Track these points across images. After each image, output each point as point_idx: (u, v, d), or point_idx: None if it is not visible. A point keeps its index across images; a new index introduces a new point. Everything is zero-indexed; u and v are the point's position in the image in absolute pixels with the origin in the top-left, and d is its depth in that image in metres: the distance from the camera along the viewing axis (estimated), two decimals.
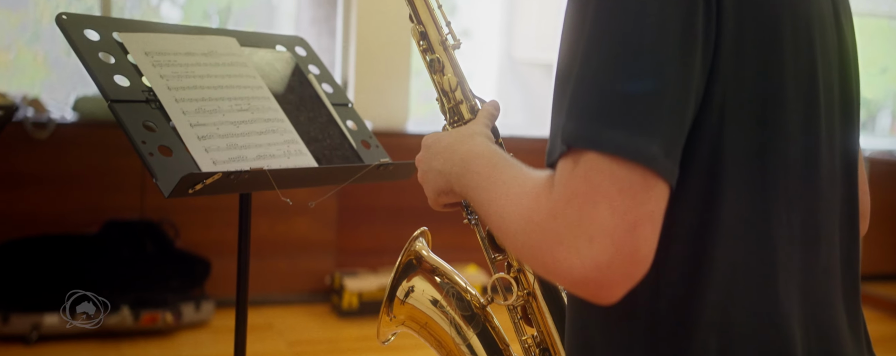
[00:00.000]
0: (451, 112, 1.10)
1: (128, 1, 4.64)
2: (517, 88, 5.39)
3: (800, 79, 0.81)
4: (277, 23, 5.15)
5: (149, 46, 1.45)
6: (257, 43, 1.66)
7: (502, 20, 5.17)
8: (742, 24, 0.76)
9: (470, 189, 0.87)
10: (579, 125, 0.71)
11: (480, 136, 0.96)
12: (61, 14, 1.34)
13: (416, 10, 1.12)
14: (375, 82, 4.00)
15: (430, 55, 1.11)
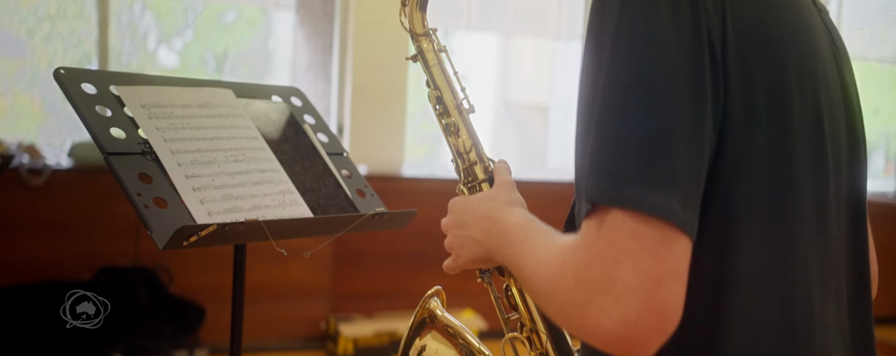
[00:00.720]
0: (466, 172, 1.13)
1: (125, 47, 4.69)
2: (512, 131, 5.42)
3: (807, 128, 0.83)
4: (274, 68, 5.19)
5: (145, 99, 1.47)
6: (253, 94, 1.67)
7: (497, 64, 5.22)
8: (749, 77, 0.78)
9: (509, 259, 0.89)
10: (599, 183, 0.73)
11: (515, 204, 0.99)
12: (59, 69, 1.36)
13: (433, 76, 1.16)
14: (371, 127, 4.02)
15: (446, 119, 1.15)
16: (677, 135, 0.73)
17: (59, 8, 4.25)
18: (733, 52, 0.77)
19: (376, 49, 3.98)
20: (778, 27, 0.81)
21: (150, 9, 4.79)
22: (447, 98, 1.15)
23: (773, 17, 0.81)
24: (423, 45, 1.17)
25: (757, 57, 0.79)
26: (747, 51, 0.78)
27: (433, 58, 1.17)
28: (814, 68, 0.84)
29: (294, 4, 4.13)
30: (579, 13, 4.50)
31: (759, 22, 0.79)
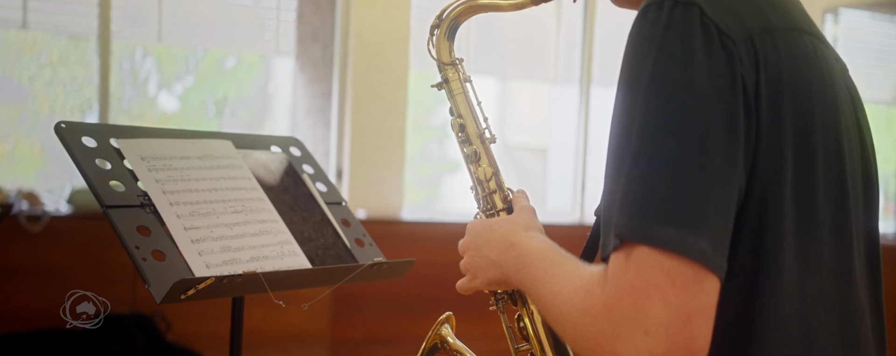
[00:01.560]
0: (485, 201, 1.14)
1: (126, 92, 4.72)
2: (511, 172, 5.43)
3: (830, 174, 0.85)
4: (273, 113, 5.22)
5: (145, 151, 1.47)
6: (252, 144, 1.68)
7: (496, 106, 5.25)
8: (778, 123, 0.81)
9: (528, 283, 0.90)
10: (631, 221, 0.75)
11: (535, 230, 1.00)
12: (60, 123, 1.37)
13: (457, 104, 1.18)
14: (370, 171, 4.03)
15: (468, 147, 1.16)
16: (710, 177, 0.75)
17: (61, 54, 4.30)
18: (765, 99, 0.79)
19: (375, 94, 4.01)
20: (805, 75, 0.84)
21: (151, 55, 4.84)
22: (470, 127, 1.17)
23: (800, 66, 0.83)
24: (448, 74, 1.19)
25: (786, 103, 0.81)
26: (778, 97, 0.80)
27: (458, 87, 1.19)
28: (837, 115, 0.87)
29: (294, 51, 4.17)
30: (576, 58, 4.54)
31: (788, 70, 0.82)
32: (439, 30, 1.19)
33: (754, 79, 0.79)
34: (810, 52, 0.86)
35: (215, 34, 4.07)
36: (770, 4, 0.86)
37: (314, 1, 4.13)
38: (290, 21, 4.08)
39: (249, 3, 4.04)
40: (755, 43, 0.80)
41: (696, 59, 0.77)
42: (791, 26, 0.85)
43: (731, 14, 0.80)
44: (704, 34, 0.77)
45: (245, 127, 5.40)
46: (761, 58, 0.80)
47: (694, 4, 0.79)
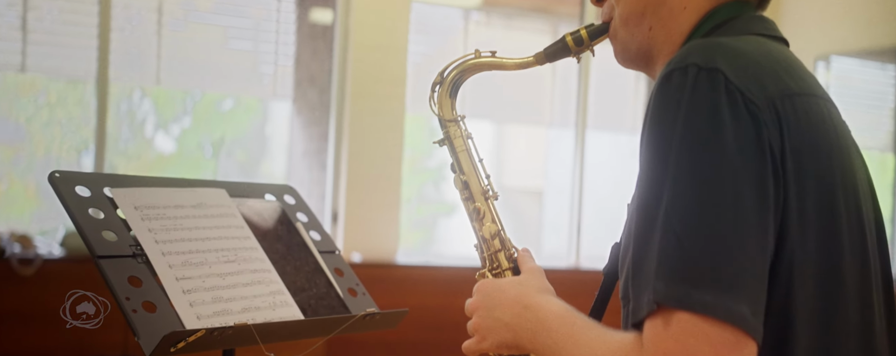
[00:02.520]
0: (490, 259, 1.14)
1: (122, 133, 4.74)
2: (506, 215, 5.41)
3: (853, 234, 0.87)
4: (269, 154, 5.24)
5: (138, 200, 1.47)
6: (247, 193, 1.68)
7: (491, 148, 5.27)
8: (802, 183, 0.82)
9: (545, 348, 0.90)
10: (668, 285, 0.75)
11: (549, 293, 1.00)
12: (54, 172, 1.37)
13: (459, 161, 1.18)
14: (365, 214, 4.03)
15: (472, 204, 1.17)
16: (745, 241, 0.76)
17: (58, 96, 4.32)
18: (790, 162, 0.81)
19: (371, 138, 4.03)
20: (822, 138, 0.86)
21: (149, 96, 4.87)
22: (473, 185, 1.17)
23: (817, 129, 0.85)
24: (451, 130, 1.19)
25: (808, 166, 0.83)
26: (801, 160, 0.82)
27: (461, 144, 1.19)
28: (852, 175, 0.89)
29: (291, 94, 4.20)
30: (571, 102, 4.58)
31: (808, 133, 0.84)
32: (441, 87, 1.19)
33: (779, 142, 0.81)
34: (825, 116, 0.88)
35: (213, 77, 4.10)
36: (785, 69, 0.88)
37: (312, 46, 4.17)
38: (288, 65, 4.11)
39: (248, 48, 4.08)
40: (777, 107, 0.82)
41: (724, 124, 0.78)
42: (806, 91, 0.87)
43: (753, 80, 0.82)
44: (730, 99, 0.79)
45: (241, 168, 5.41)
46: (784, 122, 0.82)
47: (718, 70, 0.80)
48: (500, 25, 4.57)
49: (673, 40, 0.98)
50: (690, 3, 0.97)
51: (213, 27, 4.02)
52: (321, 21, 4.18)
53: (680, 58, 0.84)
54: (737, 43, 0.88)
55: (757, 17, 0.98)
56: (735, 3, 0.97)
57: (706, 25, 0.96)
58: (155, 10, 3.84)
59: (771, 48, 0.91)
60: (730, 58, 0.83)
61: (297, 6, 4.12)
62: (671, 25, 0.98)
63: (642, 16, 0.99)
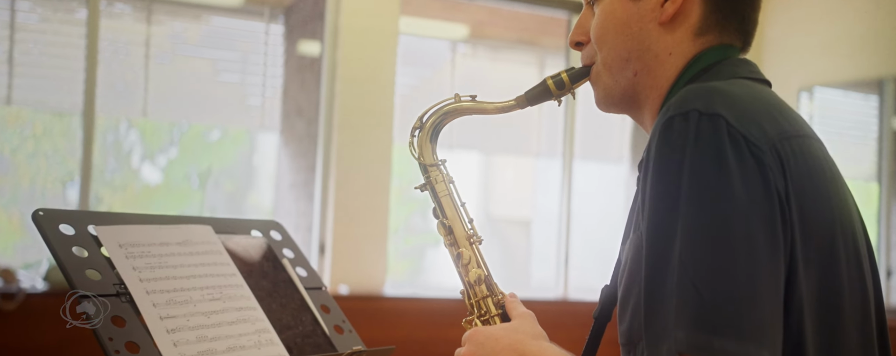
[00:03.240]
0: (477, 306, 1.13)
1: (108, 164, 4.72)
2: (495, 245, 5.42)
3: (852, 272, 0.88)
4: (256, 185, 5.22)
5: (123, 238, 1.46)
6: (233, 229, 1.67)
7: (479, 179, 5.28)
8: (805, 224, 0.83)
9: None
10: (690, 335, 0.75)
11: (543, 338, 0.99)
12: (38, 211, 1.36)
13: (442, 207, 1.17)
14: (353, 246, 4.01)
15: (456, 250, 1.16)
16: (761, 286, 0.77)
17: (44, 127, 4.30)
18: (794, 204, 0.82)
19: (359, 169, 4.02)
20: (820, 178, 0.87)
21: (136, 127, 4.86)
22: (458, 230, 1.16)
23: (815, 170, 0.87)
24: (432, 175, 1.19)
25: (810, 207, 0.84)
26: (803, 201, 0.83)
27: (443, 189, 1.18)
28: (849, 213, 0.90)
29: (279, 126, 4.20)
30: (558, 133, 4.60)
31: (807, 174, 0.85)
32: (421, 132, 1.18)
33: (784, 185, 0.82)
34: (820, 156, 0.90)
35: (201, 109, 4.10)
36: (780, 112, 0.89)
37: (299, 77, 4.19)
38: (275, 97, 4.12)
39: (236, 80, 4.09)
40: (779, 150, 0.83)
41: (730, 170, 0.79)
42: (800, 133, 0.88)
43: (754, 123, 0.83)
44: (733, 144, 0.80)
45: (228, 199, 5.39)
46: (785, 164, 0.83)
47: (719, 116, 0.82)
48: (486, 57, 4.60)
49: (660, 85, 0.99)
50: (676, 49, 0.98)
51: (200, 59, 4.03)
52: (309, 53, 4.19)
53: (679, 104, 0.84)
54: (731, 87, 0.88)
55: (741, 60, 0.99)
56: (719, 48, 0.98)
57: (692, 70, 0.97)
58: (142, 43, 3.85)
59: (761, 91, 0.92)
60: (729, 102, 0.84)
61: (284, 38, 4.14)
62: (657, 71, 0.98)
63: (627, 61, 1.00)
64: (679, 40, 0.98)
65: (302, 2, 4.17)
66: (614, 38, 1.00)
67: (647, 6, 0.98)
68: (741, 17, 0.99)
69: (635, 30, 0.99)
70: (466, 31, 4.56)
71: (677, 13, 0.97)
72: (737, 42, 1.00)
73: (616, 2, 1.00)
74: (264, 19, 4.10)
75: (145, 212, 4.98)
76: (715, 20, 0.98)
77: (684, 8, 0.97)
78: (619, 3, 1.00)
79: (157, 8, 3.90)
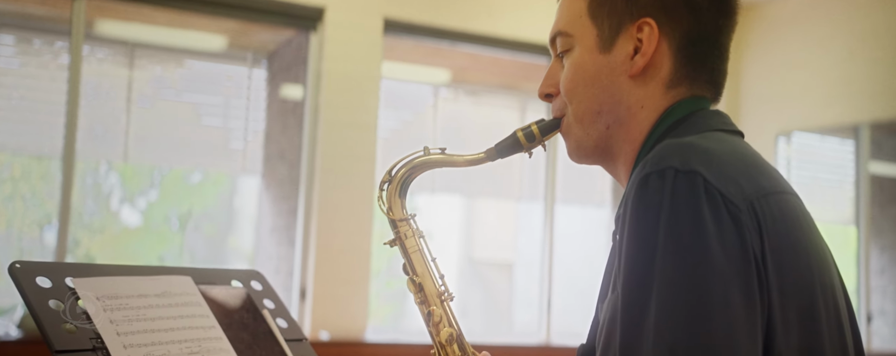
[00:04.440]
0: None
1: (87, 206, 4.67)
2: (477, 288, 5.40)
3: (832, 331, 0.87)
4: (237, 228, 5.19)
5: (101, 290, 1.44)
6: (213, 279, 1.65)
7: (461, 222, 5.28)
8: (784, 286, 0.82)
9: None
10: None
11: None
12: (15, 263, 1.34)
13: (412, 263, 1.15)
14: (334, 291, 3.98)
15: (427, 307, 1.14)
16: (738, 349, 0.76)
17: (23, 170, 4.26)
18: (770, 262, 0.81)
19: (341, 213, 4.01)
20: (798, 235, 0.86)
21: (115, 169, 4.83)
22: (428, 286, 1.14)
23: (793, 227, 0.86)
24: (402, 230, 1.17)
25: (788, 265, 0.83)
26: (780, 260, 0.82)
27: (413, 244, 1.16)
28: (827, 269, 0.89)
29: (260, 169, 4.19)
30: (540, 176, 4.62)
31: (785, 232, 0.84)
32: (390, 186, 1.16)
33: (760, 244, 0.81)
34: (798, 212, 0.89)
35: (183, 153, 4.08)
36: (757, 168, 0.88)
37: (282, 122, 4.19)
38: (257, 141, 4.11)
39: (218, 124, 4.08)
40: (756, 208, 0.82)
41: (707, 229, 0.78)
42: (777, 189, 0.87)
43: (731, 181, 0.82)
44: (710, 203, 0.80)
45: (208, 242, 5.34)
46: (763, 222, 0.82)
47: (696, 173, 0.81)
48: (468, 101, 4.64)
49: (633, 138, 0.98)
50: (648, 102, 0.97)
51: (183, 103, 4.03)
52: (291, 97, 4.21)
53: (655, 160, 0.84)
54: (707, 142, 0.88)
55: (713, 112, 0.99)
56: (691, 100, 0.98)
57: (665, 122, 0.97)
58: (124, 87, 3.84)
59: (737, 145, 0.92)
60: (706, 159, 0.83)
61: (267, 82, 4.16)
62: (630, 124, 0.98)
63: (598, 114, 0.99)
64: (650, 93, 0.97)
65: (285, 47, 4.20)
66: (585, 91, 0.99)
67: (617, 59, 0.97)
68: (711, 68, 0.99)
69: (606, 83, 0.98)
70: (448, 75, 4.60)
71: (648, 66, 0.97)
72: (707, 93, 1.00)
73: (586, 54, 0.99)
74: (247, 64, 4.12)
75: (124, 254, 4.93)
76: (685, 73, 0.97)
77: (654, 61, 0.97)
78: (589, 55, 0.99)
79: (140, 52, 3.91)
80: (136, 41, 3.95)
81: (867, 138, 4.35)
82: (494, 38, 4.32)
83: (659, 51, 0.96)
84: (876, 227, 4.45)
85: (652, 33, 0.95)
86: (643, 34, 0.96)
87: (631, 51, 0.97)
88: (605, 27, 0.98)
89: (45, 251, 4.10)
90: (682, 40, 0.96)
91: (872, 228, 4.41)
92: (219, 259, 5.24)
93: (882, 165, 4.50)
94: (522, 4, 4.34)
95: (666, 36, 0.96)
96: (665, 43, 0.97)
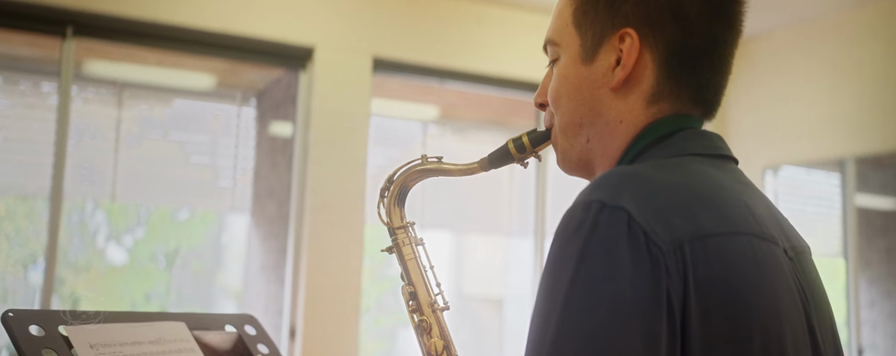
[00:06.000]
0: None
1: (73, 244, 4.63)
2: (466, 324, 5.37)
3: None
4: (225, 265, 5.15)
5: (94, 338, 1.42)
6: (207, 325, 1.63)
7: (451, 257, 5.26)
8: (710, 336, 0.76)
9: None
10: None
11: None
12: (8, 312, 1.32)
13: (408, 270, 1.14)
14: (324, 329, 3.94)
15: (418, 316, 1.12)
16: None
17: (8, 209, 4.23)
18: (694, 310, 0.75)
19: (331, 251, 3.99)
20: (741, 282, 0.78)
21: (102, 207, 4.80)
22: (421, 295, 1.12)
23: (735, 273, 0.78)
24: (400, 237, 1.16)
25: (718, 315, 0.76)
26: (708, 308, 0.76)
27: (409, 252, 1.15)
28: (779, 322, 0.81)
29: (250, 207, 4.18)
30: (530, 211, 4.63)
31: (720, 278, 0.77)
32: (389, 193, 1.16)
33: (681, 290, 0.75)
34: (748, 257, 0.80)
35: (171, 192, 4.06)
36: (706, 204, 0.81)
37: (271, 159, 4.19)
38: (246, 178, 4.11)
39: (206, 162, 4.08)
40: (685, 250, 0.76)
41: (620, 269, 0.74)
42: (726, 230, 0.80)
43: (662, 220, 0.77)
44: (631, 241, 0.75)
45: (196, 279, 5.30)
46: (690, 267, 0.76)
47: (622, 209, 0.76)
48: (456, 137, 4.66)
49: (610, 154, 0.94)
50: (627, 117, 0.92)
51: (171, 142, 4.02)
52: (281, 134, 4.21)
53: (588, 191, 0.80)
54: (656, 173, 0.83)
55: (697, 133, 0.92)
56: (674, 118, 0.92)
57: (642, 141, 0.91)
58: (113, 126, 3.84)
59: (698, 176, 0.85)
60: (640, 193, 0.78)
61: (256, 121, 4.16)
62: (607, 139, 0.93)
63: (580, 127, 0.95)
64: (630, 108, 0.92)
65: (274, 85, 4.22)
66: (567, 103, 0.95)
67: (598, 71, 0.92)
68: (697, 84, 0.92)
69: (587, 95, 0.93)
70: (437, 112, 4.62)
71: (628, 79, 0.91)
72: (694, 111, 0.93)
73: (570, 65, 0.95)
74: (236, 102, 4.13)
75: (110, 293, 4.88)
76: (668, 88, 0.91)
77: (635, 74, 0.91)
78: (572, 66, 0.95)
79: (129, 92, 3.91)
80: (125, 81, 3.95)
81: (853, 171, 4.39)
82: (482, 75, 4.36)
83: (640, 63, 0.90)
84: (864, 260, 4.47)
85: (633, 44, 0.90)
86: (624, 45, 0.90)
87: (613, 62, 0.92)
88: (588, 37, 0.93)
89: (29, 291, 4.05)
90: (666, 52, 0.90)
91: (860, 261, 4.44)
92: (207, 297, 5.19)
93: (868, 198, 4.54)
94: (509, 42, 4.38)
95: (648, 47, 0.90)
96: (648, 54, 0.90)
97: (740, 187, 0.88)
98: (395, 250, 1.17)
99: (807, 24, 4.50)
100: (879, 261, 4.48)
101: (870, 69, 4.25)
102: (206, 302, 5.09)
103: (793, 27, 4.57)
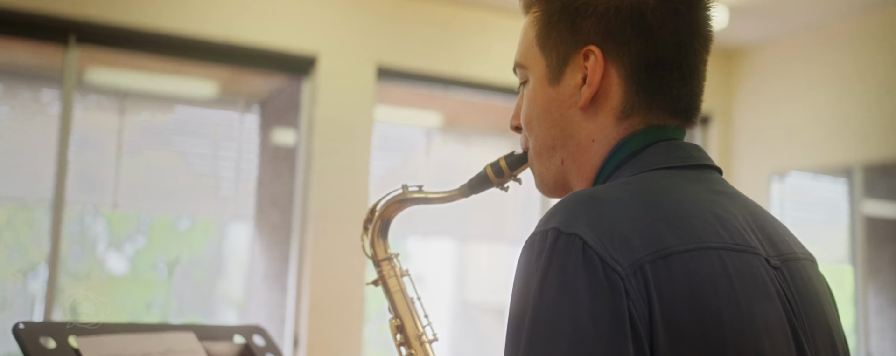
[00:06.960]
0: None
1: (73, 253, 4.60)
2: (469, 331, 5.35)
3: None
4: (227, 274, 5.12)
5: (104, 349, 1.40)
6: (215, 335, 1.62)
7: (453, 265, 5.25)
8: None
9: None
10: None
11: None
12: (19, 324, 1.30)
13: (394, 303, 1.12)
14: (327, 338, 3.92)
15: (407, 349, 1.10)
16: None
17: (8, 218, 4.21)
18: (661, 332, 0.73)
19: (334, 259, 3.97)
20: (710, 299, 0.76)
21: (102, 216, 4.77)
22: (409, 328, 1.11)
23: (703, 290, 0.76)
24: (384, 269, 1.15)
25: (686, 334, 0.74)
26: (676, 328, 0.74)
27: (395, 284, 1.14)
28: (754, 337, 0.78)
29: (252, 215, 4.15)
30: (533, 218, 4.61)
31: (687, 296, 0.75)
32: (372, 225, 1.15)
33: (646, 312, 0.73)
34: (717, 272, 0.77)
35: (173, 200, 4.04)
36: (669, 221, 0.79)
37: (274, 167, 4.17)
38: (249, 187, 4.09)
39: (209, 170, 4.06)
40: (646, 272, 0.74)
41: (578, 299, 0.73)
42: (692, 246, 0.77)
43: (618, 242, 0.75)
44: (587, 268, 0.74)
45: (197, 288, 5.27)
46: (653, 288, 0.74)
47: (576, 236, 0.75)
48: (460, 144, 4.65)
49: (585, 174, 0.92)
50: (599, 135, 0.90)
51: (174, 150, 4.00)
52: (284, 143, 4.19)
53: (546, 218, 0.79)
54: (616, 192, 0.82)
55: (669, 145, 0.90)
56: (647, 131, 0.90)
57: (615, 158, 0.90)
58: (115, 134, 3.81)
59: (662, 192, 0.83)
60: (596, 216, 0.77)
61: (259, 128, 4.14)
62: (581, 159, 0.92)
63: (552, 149, 0.94)
64: (602, 126, 0.90)
65: (278, 93, 4.20)
66: (539, 126, 0.94)
67: (565, 91, 0.91)
68: (669, 95, 0.90)
69: (556, 116, 0.92)
70: (441, 119, 4.61)
71: (596, 96, 0.89)
72: (671, 121, 0.91)
73: (538, 87, 0.94)
74: (239, 110, 4.11)
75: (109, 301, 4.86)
76: (638, 102, 0.89)
77: (603, 91, 0.89)
78: (540, 88, 0.93)
79: (131, 99, 3.89)
80: (128, 89, 3.93)
81: (860, 178, 4.38)
82: (486, 83, 4.34)
83: (607, 80, 0.89)
84: (872, 267, 4.46)
85: (597, 61, 0.88)
86: (589, 63, 0.89)
87: (579, 81, 0.90)
88: (552, 57, 0.92)
89: (28, 299, 4.02)
90: (633, 66, 0.88)
91: (868, 268, 4.42)
92: (207, 306, 5.16)
93: (876, 205, 4.53)
94: (513, 50, 4.36)
95: (614, 63, 0.89)
96: (614, 71, 0.89)
97: (714, 197, 0.85)
98: (380, 282, 1.16)
99: (813, 31, 4.50)
100: (887, 269, 4.46)
101: (876, 76, 4.24)
102: (207, 311, 5.06)
103: (799, 34, 4.57)
